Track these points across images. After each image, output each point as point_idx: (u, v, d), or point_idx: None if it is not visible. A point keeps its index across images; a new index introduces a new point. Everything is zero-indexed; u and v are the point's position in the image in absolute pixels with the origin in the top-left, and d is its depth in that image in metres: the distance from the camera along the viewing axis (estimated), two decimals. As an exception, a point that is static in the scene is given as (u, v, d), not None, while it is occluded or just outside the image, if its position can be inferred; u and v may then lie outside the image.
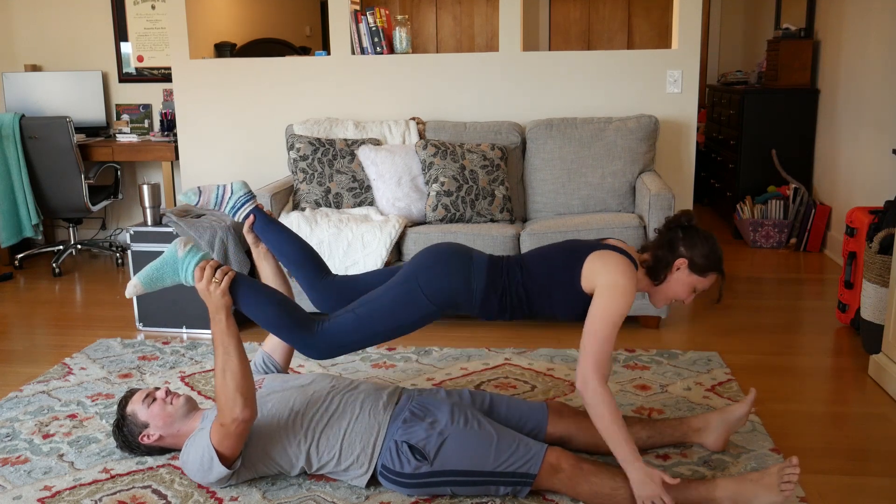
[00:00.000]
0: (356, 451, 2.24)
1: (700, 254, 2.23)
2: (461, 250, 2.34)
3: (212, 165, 4.73)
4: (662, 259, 2.25)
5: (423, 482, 2.19)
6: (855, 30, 4.73)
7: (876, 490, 2.30)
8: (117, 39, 5.47)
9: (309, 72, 4.56)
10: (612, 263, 2.18)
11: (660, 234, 2.31)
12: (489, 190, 3.89)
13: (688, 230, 2.27)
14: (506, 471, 2.16)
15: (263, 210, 2.51)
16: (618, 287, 2.14)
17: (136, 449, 2.44)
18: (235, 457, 2.22)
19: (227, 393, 2.13)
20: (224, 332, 2.17)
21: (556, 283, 2.24)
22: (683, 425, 2.48)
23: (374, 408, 2.31)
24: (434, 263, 2.28)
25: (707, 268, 2.25)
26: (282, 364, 2.64)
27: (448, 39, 8.41)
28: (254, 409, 2.17)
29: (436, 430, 2.22)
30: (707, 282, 2.27)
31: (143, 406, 2.39)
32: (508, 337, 3.61)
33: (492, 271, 2.27)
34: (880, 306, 3.15)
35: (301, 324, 2.25)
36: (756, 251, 5.19)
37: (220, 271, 2.19)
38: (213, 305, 2.18)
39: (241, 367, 2.15)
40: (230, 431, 2.14)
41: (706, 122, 6.74)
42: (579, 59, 4.37)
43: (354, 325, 2.25)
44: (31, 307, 4.28)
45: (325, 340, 2.24)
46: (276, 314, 2.24)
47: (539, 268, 2.28)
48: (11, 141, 4.74)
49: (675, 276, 2.26)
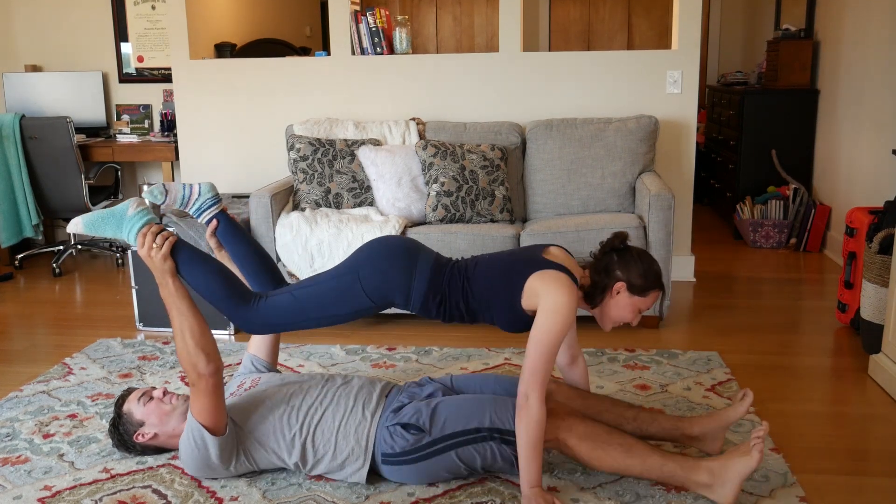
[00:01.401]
0: (350, 444, 2.26)
1: (636, 274, 2.23)
2: (408, 249, 2.32)
3: (212, 166, 4.73)
4: (599, 283, 2.25)
5: (428, 452, 2.21)
6: (855, 30, 4.73)
7: (876, 490, 2.30)
8: (117, 40, 5.47)
9: (309, 72, 4.56)
10: (553, 284, 2.16)
11: (595, 259, 2.30)
12: (489, 190, 3.89)
13: (622, 252, 2.27)
14: (504, 427, 2.19)
15: (228, 215, 2.52)
16: (558, 308, 2.12)
17: (131, 448, 2.45)
18: (222, 423, 2.23)
19: (189, 350, 2.18)
20: (174, 293, 2.22)
21: (497, 300, 2.24)
22: (677, 431, 2.45)
23: (368, 400, 2.34)
24: (379, 259, 2.28)
25: (646, 287, 2.25)
26: (269, 363, 2.67)
27: (448, 39, 8.41)
28: (219, 362, 2.21)
29: (423, 402, 2.28)
30: (650, 300, 2.28)
31: (138, 404, 2.41)
32: (508, 337, 3.61)
33: (434, 278, 2.27)
34: (880, 306, 3.15)
35: (239, 296, 2.28)
36: (756, 251, 5.19)
37: (161, 236, 2.23)
38: (156, 270, 2.23)
39: (197, 324, 2.20)
40: (201, 389, 2.17)
41: (706, 123, 6.75)
42: (579, 60, 4.37)
43: (290, 307, 2.28)
44: (31, 307, 4.29)
45: (259, 316, 2.28)
46: (214, 281, 2.27)
47: (481, 282, 2.27)
48: (11, 141, 4.74)
49: (615, 299, 2.26)
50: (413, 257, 2.29)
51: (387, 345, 3.51)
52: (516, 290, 2.20)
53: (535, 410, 2.10)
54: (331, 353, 3.43)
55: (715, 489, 2.13)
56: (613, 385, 3.01)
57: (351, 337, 3.64)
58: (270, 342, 2.68)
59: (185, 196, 2.48)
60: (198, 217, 2.50)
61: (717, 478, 2.12)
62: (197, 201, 2.48)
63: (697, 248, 5.11)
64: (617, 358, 3.30)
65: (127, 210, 2.28)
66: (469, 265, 2.33)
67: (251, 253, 2.51)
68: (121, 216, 2.28)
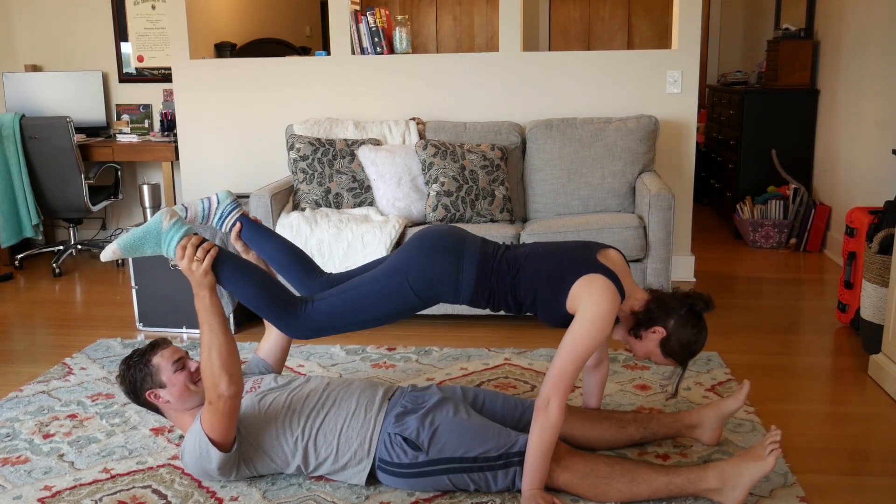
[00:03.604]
0: (353, 447, 2.25)
1: (678, 339, 2.21)
2: (454, 243, 2.28)
3: (212, 165, 4.73)
4: (651, 317, 2.22)
5: (421, 471, 2.21)
6: (855, 30, 4.73)
7: (876, 490, 2.30)
8: (117, 39, 5.47)
9: (309, 72, 4.56)
10: (598, 293, 2.12)
11: (670, 295, 2.26)
12: (489, 190, 3.89)
13: (693, 312, 2.23)
14: (500, 454, 2.18)
15: (249, 216, 2.50)
16: (596, 320, 2.10)
17: (135, 395, 2.34)
18: (230, 440, 2.20)
19: (213, 370, 2.11)
20: (208, 309, 2.14)
21: (542, 295, 2.23)
22: (677, 423, 2.51)
23: (370, 403, 2.32)
24: (425, 259, 2.26)
25: (673, 353, 2.24)
26: (276, 369, 2.65)
27: (448, 39, 8.41)
28: (240, 386, 2.15)
29: (427, 420, 2.24)
30: (663, 362, 2.28)
31: (170, 367, 2.30)
32: (508, 337, 3.61)
33: (481, 273, 2.24)
34: (880, 306, 3.15)
35: (285, 303, 2.24)
36: (756, 251, 5.19)
37: (202, 249, 2.15)
38: (195, 283, 2.15)
39: (226, 344, 2.14)
40: (218, 409, 2.12)
41: (706, 123, 6.75)
42: (579, 59, 4.37)
43: (340, 310, 2.25)
44: (31, 307, 4.28)
45: (308, 322, 2.25)
46: (259, 292, 2.23)
47: (530, 274, 2.24)
48: (11, 141, 4.74)
49: (646, 334, 2.25)
50: (459, 253, 2.25)
51: (387, 345, 3.51)
52: (563, 290, 2.17)
53: (554, 416, 2.09)
54: (331, 353, 3.43)
55: (724, 492, 2.12)
56: (613, 385, 3.01)
57: (351, 337, 3.64)
58: (279, 351, 2.65)
59: (206, 209, 2.45)
60: (220, 226, 2.47)
61: (728, 481, 2.11)
62: (217, 211, 2.46)
63: (697, 248, 5.10)
64: (617, 358, 3.29)
65: (161, 224, 2.20)
66: (520, 256, 2.28)
67: (280, 248, 2.48)
68: (157, 232, 2.20)
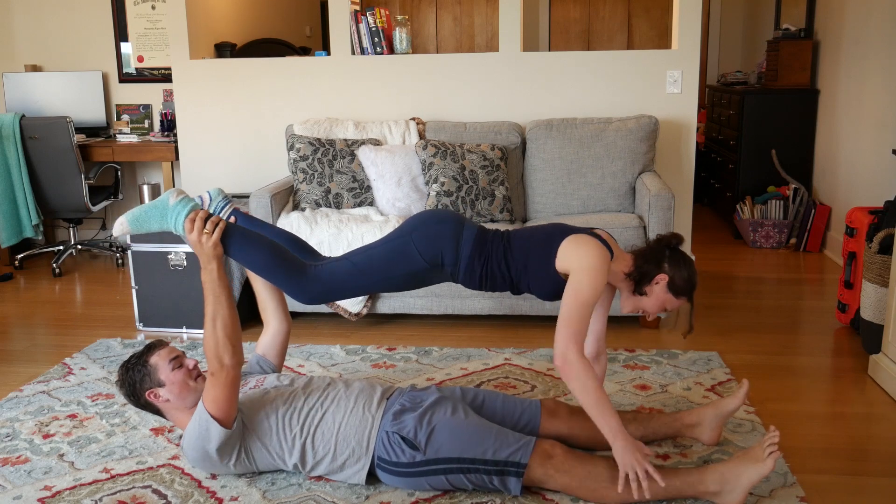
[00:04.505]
0: (351, 445, 2.26)
1: (680, 276, 2.32)
2: (455, 215, 2.44)
3: (212, 165, 4.73)
4: (645, 271, 2.32)
5: (419, 471, 2.21)
6: (855, 30, 4.73)
7: (876, 490, 2.30)
8: (117, 39, 5.47)
9: (309, 72, 4.56)
10: (585, 247, 2.26)
11: (648, 248, 2.38)
12: (489, 190, 3.89)
13: (675, 251, 2.35)
14: (497, 458, 2.17)
15: (241, 210, 2.54)
16: (589, 269, 2.21)
17: (135, 397, 2.35)
18: (231, 416, 2.21)
19: (217, 339, 2.16)
20: (215, 280, 2.20)
21: (533, 262, 2.33)
22: (677, 422, 2.53)
23: (368, 402, 2.33)
24: (430, 222, 2.39)
25: (682, 291, 2.33)
26: (276, 365, 2.66)
27: (448, 39, 8.41)
28: (241, 357, 2.21)
29: (424, 419, 2.25)
30: (676, 304, 2.35)
31: (167, 365, 2.32)
32: (508, 337, 3.61)
33: (479, 239, 2.37)
34: (880, 306, 3.15)
35: (294, 267, 2.31)
36: (756, 251, 5.19)
37: (211, 222, 2.22)
38: (204, 256, 2.21)
39: (230, 315, 2.19)
40: (220, 380, 2.15)
41: (706, 123, 6.75)
42: (579, 59, 4.37)
43: (349, 272, 2.33)
44: (31, 307, 4.29)
45: (317, 284, 2.32)
46: (268, 259, 2.29)
47: (520, 243, 2.37)
48: (11, 141, 4.74)
49: (649, 288, 2.33)
50: (460, 221, 2.41)
51: (387, 345, 3.51)
52: (552, 251, 2.30)
53: (578, 365, 2.14)
54: (331, 353, 3.43)
55: (723, 495, 2.13)
56: (613, 385, 3.01)
57: (351, 337, 3.64)
58: (279, 345, 2.66)
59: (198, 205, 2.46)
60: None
61: (727, 484, 2.11)
62: (210, 207, 2.50)
63: (697, 248, 5.11)
64: (617, 358, 3.30)
65: (168, 200, 2.28)
66: (511, 232, 2.44)
67: (278, 237, 2.52)
68: (164, 207, 2.28)
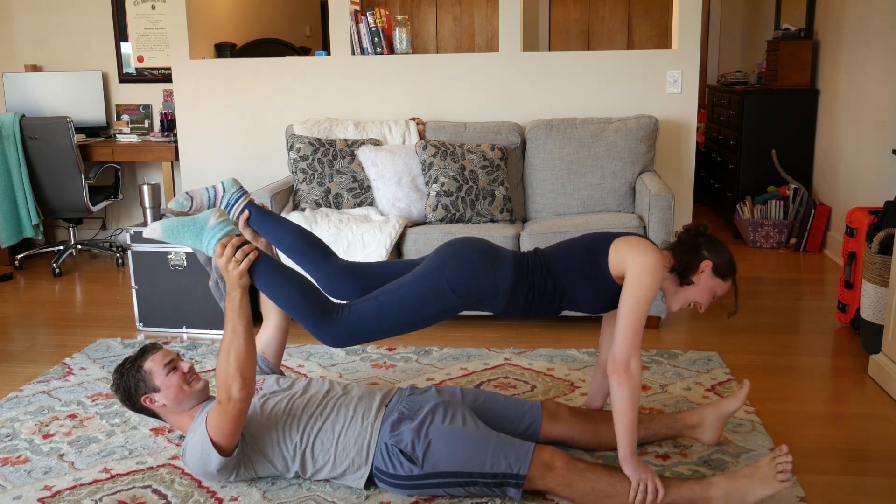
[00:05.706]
0: (350, 455, 2.24)
1: (722, 260, 2.29)
2: (487, 244, 2.34)
3: (212, 165, 4.73)
4: (687, 261, 2.28)
5: (417, 484, 2.20)
6: (855, 30, 4.73)
7: (876, 490, 2.30)
8: (117, 39, 5.47)
9: (309, 72, 4.56)
10: (640, 246, 2.21)
11: (681, 240, 2.33)
12: (489, 190, 3.89)
13: (708, 238, 2.32)
14: (496, 472, 2.15)
15: (256, 203, 2.48)
16: (648, 268, 2.16)
17: (131, 403, 2.34)
18: (232, 445, 2.19)
19: (228, 371, 2.11)
20: (236, 310, 2.14)
21: (582, 274, 2.26)
22: (678, 423, 2.52)
23: (367, 411, 2.31)
24: (462, 254, 2.27)
25: (728, 273, 2.30)
26: (273, 363, 2.63)
27: (448, 39, 8.41)
28: (251, 391, 2.15)
29: (422, 431, 2.21)
30: (725, 287, 2.32)
31: (162, 370, 2.30)
32: (508, 337, 3.61)
33: (518, 265, 2.28)
34: (880, 306, 3.15)
35: (321, 309, 2.21)
36: (756, 251, 5.19)
37: (242, 251, 2.16)
38: (230, 283, 2.15)
39: (245, 348, 2.13)
40: (227, 411, 2.12)
41: (706, 123, 6.74)
42: (579, 59, 4.37)
43: (377, 314, 2.22)
44: (31, 307, 4.28)
45: (344, 328, 2.21)
46: (294, 297, 2.21)
47: (564, 261, 2.29)
48: (11, 141, 4.74)
49: (696, 277, 2.29)
50: (494, 249, 2.32)
51: (387, 345, 3.51)
52: (602, 259, 2.23)
53: (637, 376, 2.14)
54: (331, 353, 3.43)
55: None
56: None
57: (351, 337, 3.64)
58: (278, 341, 2.63)
59: (211, 197, 2.45)
60: (227, 213, 2.45)
61: (732, 500, 2.09)
62: (223, 199, 2.45)
63: (697, 248, 5.09)
64: (617, 358, 3.29)
65: (208, 220, 2.22)
66: (547, 251, 2.35)
67: (293, 233, 2.45)
68: (202, 225, 2.22)
